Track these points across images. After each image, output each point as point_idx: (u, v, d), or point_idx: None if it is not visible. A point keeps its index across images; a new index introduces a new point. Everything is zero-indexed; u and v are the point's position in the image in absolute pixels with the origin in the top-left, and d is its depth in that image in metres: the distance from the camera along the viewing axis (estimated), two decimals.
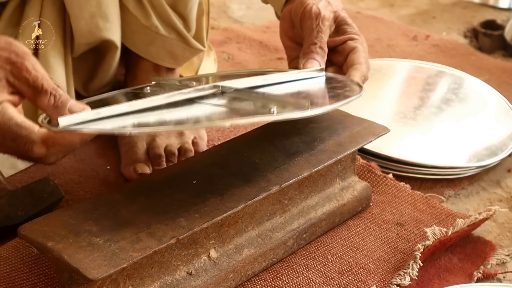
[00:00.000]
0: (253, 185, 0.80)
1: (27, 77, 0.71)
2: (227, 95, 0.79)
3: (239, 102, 0.77)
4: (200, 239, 0.76)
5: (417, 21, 1.91)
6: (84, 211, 0.74)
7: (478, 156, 1.14)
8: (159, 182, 0.81)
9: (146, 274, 0.72)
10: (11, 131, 0.70)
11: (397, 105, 1.30)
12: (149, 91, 0.91)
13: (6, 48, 0.72)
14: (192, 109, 0.77)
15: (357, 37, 0.93)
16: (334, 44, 0.94)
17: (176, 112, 0.76)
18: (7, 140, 0.71)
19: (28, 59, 0.71)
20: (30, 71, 0.71)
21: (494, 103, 1.33)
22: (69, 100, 0.72)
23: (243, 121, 0.69)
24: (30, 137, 0.70)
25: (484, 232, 0.98)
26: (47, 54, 1.00)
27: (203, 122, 0.77)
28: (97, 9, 1.00)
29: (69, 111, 0.71)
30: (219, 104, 0.77)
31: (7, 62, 0.71)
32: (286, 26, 0.98)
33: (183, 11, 1.09)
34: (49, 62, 1.00)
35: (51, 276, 0.80)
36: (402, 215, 0.97)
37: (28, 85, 0.71)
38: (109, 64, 1.10)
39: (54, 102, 0.71)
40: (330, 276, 0.84)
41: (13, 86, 0.71)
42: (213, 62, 1.41)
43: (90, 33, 1.02)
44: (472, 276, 0.88)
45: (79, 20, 1.00)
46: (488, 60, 1.62)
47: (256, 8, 1.92)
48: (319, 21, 0.92)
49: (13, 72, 0.71)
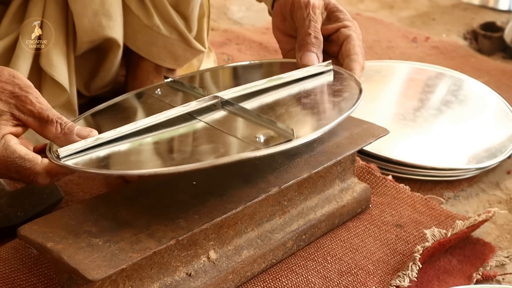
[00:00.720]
0: (253, 186, 0.80)
1: (32, 110, 0.74)
2: (226, 109, 0.82)
3: (233, 122, 0.79)
4: (199, 240, 0.76)
5: (417, 23, 1.92)
6: (84, 212, 0.74)
7: (477, 158, 1.14)
8: (158, 183, 0.81)
9: (146, 275, 0.72)
10: (15, 164, 0.73)
11: (397, 107, 1.30)
12: (160, 94, 0.92)
13: (9, 81, 0.75)
14: (189, 128, 0.79)
15: (350, 24, 0.93)
16: (328, 33, 0.94)
17: (174, 132, 0.78)
18: (12, 172, 0.74)
19: (31, 92, 0.75)
20: (35, 104, 0.74)
21: (494, 105, 1.33)
22: (75, 126, 0.74)
23: (224, 160, 0.70)
24: (34, 169, 0.73)
25: (483, 234, 0.98)
26: (50, 52, 1.00)
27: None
28: (101, 7, 1.00)
29: (77, 136, 0.74)
30: (214, 124, 0.79)
31: (12, 96, 0.74)
32: (278, 21, 0.99)
33: (185, 11, 1.09)
34: (51, 60, 1.00)
35: (50, 276, 0.80)
36: (402, 216, 0.97)
37: (33, 117, 0.74)
38: (111, 63, 1.10)
39: (61, 130, 0.74)
40: (329, 277, 0.84)
41: (19, 119, 0.75)
42: (212, 63, 1.41)
43: (93, 31, 1.02)
44: (471, 277, 0.88)
45: (82, 18, 1.00)
46: (488, 62, 1.62)
47: (256, 9, 1.92)
48: (309, 10, 0.92)
49: (18, 106, 0.74)
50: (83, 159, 0.72)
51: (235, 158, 0.69)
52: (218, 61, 1.48)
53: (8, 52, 0.98)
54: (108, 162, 0.72)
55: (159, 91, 0.93)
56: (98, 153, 0.73)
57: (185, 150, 0.74)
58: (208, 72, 1.05)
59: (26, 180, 0.75)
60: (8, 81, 0.75)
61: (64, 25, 1.02)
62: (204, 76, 1.02)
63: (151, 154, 0.74)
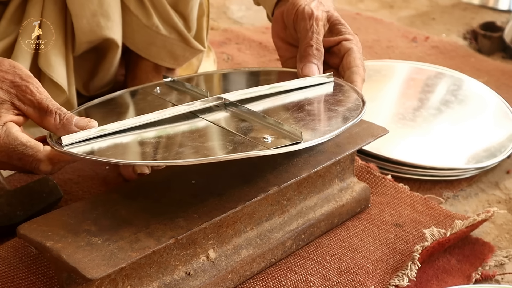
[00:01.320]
0: (252, 186, 0.80)
1: (32, 100, 0.74)
2: (229, 110, 0.82)
3: (238, 123, 0.79)
4: (198, 239, 0.76)
5: (417, 23, 1.92)
6: (83, 211, 0.74)
7: (477, 157, 1.14)
8: (158, 182, 0.81)
9: (145, 274, 0.72)
10: (17, 150, 0.73)
11: (396, 107, 1.30)
12: (159, 92, 0.92)
13: (10, 71, 0.75)
14: (193, 125, 0.79)
15: (351, 37, 0.93)
16: (329, 45, 0.94)
17: (178, 128, 0.78)
18: (14, 159, 0.74)
19: (32, 82, 0.75)
20: (35, 93, 0.75)
21: (493, 105, 1.33)
22: (74, 117, 0.74)
23: (236, 156, 0.70)
24: (36, 156, 0.74)
25: (482, 234, 0.98)
26: (48, 52, 1.00)
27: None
28: (99, 8, 1.00)
29: (76, 126, 0.74)
30: (219, 123, 0.79)
31: (12, 85, 0.74)
32: (278, 28, 0.99)
33: (184, 11, 1.09)
34: (50, 61, 1.00)
35: (50, 275, 0.80)
36: (401, 216, 0.97)
37: (33, 107, 0.75)
38: (109, 63, 1.10)
39: (60, 120, 0.74)
40: (328, 276, 0.84)
41: (19, 108, 0.75)
42: (212, 62, 1.41)
43: (91, 32, 1.02)
44: (470, 277, 0.88)
45: (81, 18, 1.00)
46: (488, 62, 1.62)
47: (255, 9, 1.91)
48: (312, 22, 0.92)
49: (18, 95, 0.74)
50: (85, 148, 0.72)
51: (246, 155, 0.69)
52: (218, 60, 1.48)
53: (7, 53, 0.98)
54: (112, 152, 0.72)
55: (158, 89, 0.93)
56: (101, 143, 0.73)
57: (192, 145, 0.74)
58: (207, 75, 1.05)
59: (28, 168, 0.74)
60: (9, 71, 0.75)
61: (63, 26, 1.02)
62: (203, 79, 1.02)
63: (156, 147, 0.74)
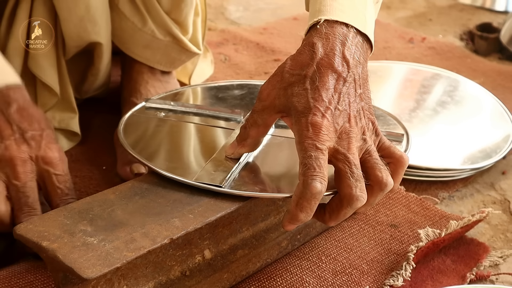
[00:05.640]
0: None
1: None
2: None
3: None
4: (194, 240, 0.77)
5: (414, 24, 1.92)
6: (79, 211, 0.74)
7: (472, 158, 1.14)
8: (154, 183, 0.81)
9: (141, 274, 0.72)
10: None
11: (393, 107, 1.30)
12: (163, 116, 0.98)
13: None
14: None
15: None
16: None
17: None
18: None
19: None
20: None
21: (489, 106, 1.33)
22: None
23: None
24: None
25: (477, 234, 0.99)
26: (37, 55, 1.00)
27: None
28: (86, 13, 1.00)
29: None
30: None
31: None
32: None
33: (178, 18, 1.09)
34: (39, 63, 1.01)
35: (47, 274, 0.81)
36: (396, 216, 0.98)
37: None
38: (97, 69, 1.10)
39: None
40: (323, 277, 0.84)
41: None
42: (209, 63, 1.42)
43: (79, 37, 1.02)
44: (465, 277, 0.89)
45: (68, 23, 1.00)
46: (484, 63, 1.63)
47: (253, 9, 1.92)
48: None
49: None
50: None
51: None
52: (215, 61, 1.48)
53: None
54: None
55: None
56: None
57: None
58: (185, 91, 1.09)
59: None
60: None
61: (53, 29, 1.02)
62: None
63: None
